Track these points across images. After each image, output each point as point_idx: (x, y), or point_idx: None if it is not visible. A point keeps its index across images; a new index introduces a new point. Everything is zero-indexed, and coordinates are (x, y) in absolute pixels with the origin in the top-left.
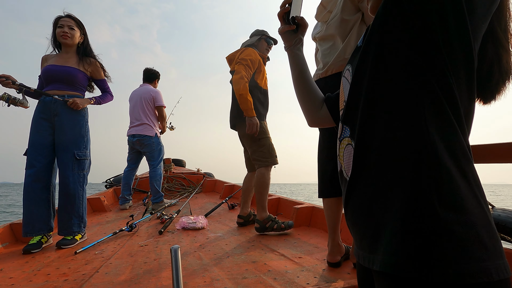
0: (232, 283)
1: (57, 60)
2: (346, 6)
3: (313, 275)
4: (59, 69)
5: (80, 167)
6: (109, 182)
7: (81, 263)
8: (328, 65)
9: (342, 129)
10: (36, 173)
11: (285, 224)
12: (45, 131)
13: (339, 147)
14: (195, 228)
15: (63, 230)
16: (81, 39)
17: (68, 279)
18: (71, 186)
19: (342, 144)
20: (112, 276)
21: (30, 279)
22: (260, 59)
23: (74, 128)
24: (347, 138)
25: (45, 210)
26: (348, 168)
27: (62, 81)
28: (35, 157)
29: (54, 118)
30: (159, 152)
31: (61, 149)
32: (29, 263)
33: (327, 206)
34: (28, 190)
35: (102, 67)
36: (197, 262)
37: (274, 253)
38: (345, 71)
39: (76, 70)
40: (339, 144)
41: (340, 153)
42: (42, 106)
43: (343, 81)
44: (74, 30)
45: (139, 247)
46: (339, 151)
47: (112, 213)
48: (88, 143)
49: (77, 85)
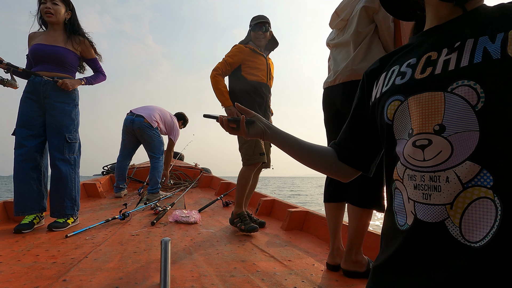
0: (219, 280)
1: (45, 38)
2: (361, 18)
3: (301, 279)
4: (48, 48)
5: (71, 150)
6: (106, 169)
7: (71, 247)
8: (336, 74)
9: (479, 173)
10: (27, 152)
11: (246, 228)
12: (35, 111)
13: (458, 198)
14: (188, 222)
15: (56, 212)
16: (68, 15)
17: (56, 261)
18: (62, 168)
19: (468, 194)
20: (100, 262)
21: (18, 258)
22: (247, 51)
23: (65, 111)
24: (485, 189)
25: (37, 190)
26: (476, 231)
27: (51, 61)
28: (25, 137)
29: (44, 101)
30: (160, 143)
31: (52, 132)
32: (19, 243)
33: (329, 210)
34: (18, 169)
35: (92, 45)
36: (186, 256)
37: (264, 254)
38: (459, 87)
39: (65, 50)
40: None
41: (459, 206)
42: (32, 87)
43: (451, 98)
44: (58, 6)
45: (130, 236)
46: (458, 202)
47: (106, 200)
48: (77, 126)
49: (67, 66)
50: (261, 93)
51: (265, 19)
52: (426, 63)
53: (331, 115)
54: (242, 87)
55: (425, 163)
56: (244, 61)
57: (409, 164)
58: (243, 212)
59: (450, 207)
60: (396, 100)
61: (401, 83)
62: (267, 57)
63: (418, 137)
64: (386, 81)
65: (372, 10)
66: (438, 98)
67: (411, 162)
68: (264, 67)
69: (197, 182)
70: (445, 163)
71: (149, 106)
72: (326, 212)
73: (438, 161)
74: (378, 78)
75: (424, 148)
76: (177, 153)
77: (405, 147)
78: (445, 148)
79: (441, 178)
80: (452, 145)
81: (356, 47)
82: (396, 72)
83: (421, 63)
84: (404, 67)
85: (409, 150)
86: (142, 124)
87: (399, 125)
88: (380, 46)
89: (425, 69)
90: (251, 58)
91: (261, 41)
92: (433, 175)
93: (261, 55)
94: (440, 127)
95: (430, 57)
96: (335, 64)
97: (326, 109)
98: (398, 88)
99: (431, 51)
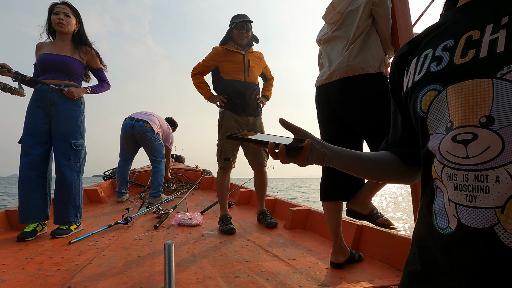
0: (224, 281)
1: (53, 48)
2: (364, 14)
3: (305, 277)
4: (55, 58)
5: (76, 157)
6: (107, 174)
7: (74, 254)
8: (331, 71)
9: None
10: (33, 160)
11: (223, 229)
12: (41, 119)
13: (511, 201)
14: (191, 224)
15: (59, 219)
16: (77, 28)
17: (60, 268)
18: (68, 175)
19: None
20: (105, 268)
21: (22, 266)
22: (222, 52)
23: (71, 118)
24: None
25: (42, 198)
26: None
27: (58, 70)
28: (31, 145)
29: (51, 108)
30: (161, 146)
31: (58, 138)
32: (23, 251)
33: (327, 210)
34: (24, 177)
35: (98, 55)
36: (190, 259)
37: (268, 253)
38: (511, 72)
39: (72, 59)
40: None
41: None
42: (38, 94)
43: (501, 86)
44: (70, 18)
45: (134, 240)
46: (511, 205)
47: (108, 205)
48: (84, 133)
49: (73, 75)
50: (238, 92)
51: (248, 18)
52: (466, 44)
53: (326, 114)
54: (221, 88)
55: (468, 160)
56: (220, 62)
57: (448, 161)
58: (225, 215)
59: (501, 211)
60: (432, 90)
61: (438, 70)
62: (245, 54)
63: (459, 130)
64: (419, 68)
65: (372, 2)
66: (485, 86)
67: (450, 159)
68: (241, 64)
69: (198, 184)
70: (494, 161)
71: (147, 112)
72: (324, 210)
73: (485, 158)
74: (408, 64)
75: (467, 143)
76: (178, 156)
77: (441, 142)
78: (495, 143)
79: (489, 178)
80: (503, 140)
81: (352, 42)
82: (430, 57)
83: (460, 45)
84: (439, 50)
85: (447, 146)
86: (143, 128)
87: (434, 118)
88: (377, 41)
89: (466, 52)
90: (226, 58)
91: (243, 39)
92: (479, 174)
93: (238, 53)
94: (488, 119)
95: (471, 37)
96: (329, 61)
97: (321, 108)
98: (434, 76)
99: (471, 30)
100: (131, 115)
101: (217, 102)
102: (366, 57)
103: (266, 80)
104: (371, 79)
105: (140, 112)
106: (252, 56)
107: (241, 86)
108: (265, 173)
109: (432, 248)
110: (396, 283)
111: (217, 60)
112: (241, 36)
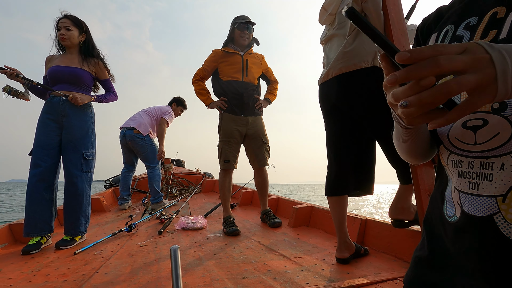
0: (231, 283)
1: (62, 60)
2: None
3: (312, 274)
4: (65, 70)
5: (88, 167)
6: (108, 182)
7: (80, 264)
8: (327, 69)
9: None
10: (42, 173)
11: (227, 231)
12: (52, 131)
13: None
14: (195, 228)
15: (71, 229)
16: (82, 38)
17: (67, 279)
18: (79, 185)
19: None
20: (111, 276)
21: (29, 279)
22: (221, 54)
23: (82, 129)
24: None
25: (48, 211)
26: None
27: (68, 81)
28: (41, 157)
29: (63, 119)
30: (153, 152)
31: (70, 148)
32: (28, 264)
33: (332, 205)
34: (32, 190)
35: (106, 67)
36: (196, 262)
37: (274, 253)
38: None
39: (81, 70)
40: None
41: None
42: (50, 107)
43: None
44: (70, 31)
45: (139, 247)
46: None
47: (111, 214)
48: (95, 144)
49: (83, 85)
50: (235, 92)
51: (251, 20)
52: (489, 23)
53: (328, 109)
54: (219, 89)
55: (475, 147)
56: (219, 64)
57: (455, 148)
58: (228, 216)
59: (502, 200)
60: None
61: None
62: (244, 54)
63: (470, 116)
64: None
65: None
66: None
67: (457, 146)
68: (239, 65)
69: (200, 187)
70: (501, 148)
71: (135, 115)
72: (329, 206)
73: (493, 145)
74: (429, 36)
75: (477, 129)
76: (178, 160)
77: (451, 128)
78: (504, 129)
79: (494, 165)
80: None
81: (345, 39)
82: (451, 35)
83: (483, 23)
84: (461, 29)
85: (456, 132)
86: (132, 135)
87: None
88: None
89: (488, 32)
90: (224, 59)
91: (245, 40)
92: (484, 161)
93: (236, 54)
94: (501, 104)
95: (496, 15)
96: (327, 59)
97: (323, 104)
98: None
99: (497, 6)
100: (123, 123)
101: (217, 107)
102: (360, 53)
103: (270, 83)
104: (367, 74)
105: (129, 119)
106: (251, 57)
107: (239, 86)
108: (266, 173)
109: (440, 235)
110: (403, 275)
111: (216, 62)
112: (243, 36)
